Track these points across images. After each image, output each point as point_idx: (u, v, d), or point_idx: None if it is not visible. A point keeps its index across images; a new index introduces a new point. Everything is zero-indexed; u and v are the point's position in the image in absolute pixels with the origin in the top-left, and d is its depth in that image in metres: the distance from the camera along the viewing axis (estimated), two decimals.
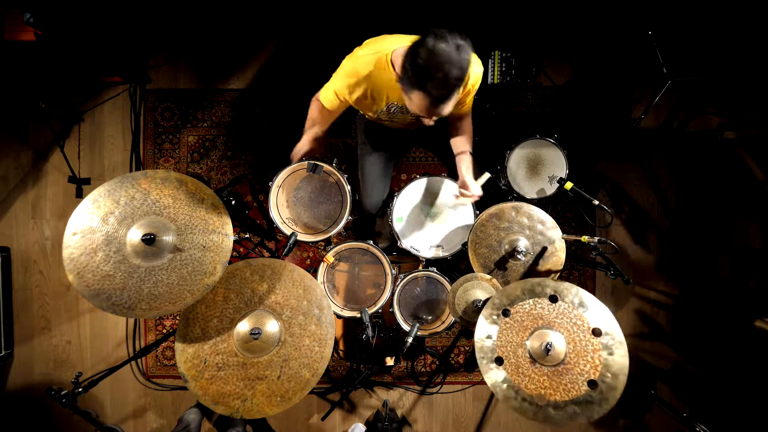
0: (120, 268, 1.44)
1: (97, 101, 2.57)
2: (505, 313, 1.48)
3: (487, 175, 1.73)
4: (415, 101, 1.32)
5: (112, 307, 1.42)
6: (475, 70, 1.51)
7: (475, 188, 1.69)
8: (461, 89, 1.30)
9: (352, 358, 2.35)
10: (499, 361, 1.46)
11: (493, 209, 1.74)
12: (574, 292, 1.48)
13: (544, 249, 1.72)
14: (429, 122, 1.45)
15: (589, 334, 1.44)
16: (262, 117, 2.58)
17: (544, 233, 1.72)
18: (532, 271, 1.75)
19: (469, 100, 1.64)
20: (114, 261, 1.45)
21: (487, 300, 1.61)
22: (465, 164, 1.73)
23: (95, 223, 1.47)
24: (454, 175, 1.87)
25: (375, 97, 1.56)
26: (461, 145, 1.75)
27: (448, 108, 1.33)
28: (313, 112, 1.78)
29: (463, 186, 1.70)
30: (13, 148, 2.56)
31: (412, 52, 1.24)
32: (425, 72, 1.21)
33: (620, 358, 1.41)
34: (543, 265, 1.73)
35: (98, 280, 1.43)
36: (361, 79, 1.49)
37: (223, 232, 1.51)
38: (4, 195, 2.55)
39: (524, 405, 1.42)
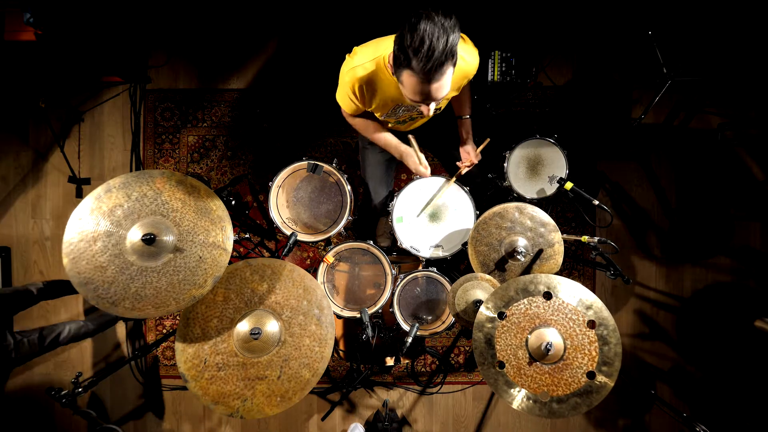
0: (114, 262, 1.44)
1: (97, 101, 2.57)
2: (501, 315, 1.48)
3: (487, 141, 1.79)
4: (406, 84, 1.30)
5: (96, 299, 1.42)
6: (471, 60, 1.51)
7: (475, 153, 1.82)
8: (452, 66, 1.26)
9: (352, 358, 2.35)
10: (500, 365, 1.46)
11: (496, 208, 1.74)
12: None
13: (540, 251, 1.72)
14: (426, 111, 1.40)
15: (585, 327, 1.44)
16: (262, 117, 2.58)
17: (544, 235, 1.72)
18: (530, 273, 1.75)
19: (466, 81, 1.63)
20: (110, 254, 1.44)
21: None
22: (465, 128, 1.82)
23: (102, 212, 1.47)
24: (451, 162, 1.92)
25: (379, 100, 1.56)
26: (461, 109, 1.80)
27: (441, 89, 1.29)
28: (359, 124, 1.76)
29: (465, 151, 1.83)
30: (13, 148, 2.56)
31: (398, 37, 1.24)
32: (411, 49, 1.20)
33: (614, 346, 1.43)
34: (540, 267, 1.73)
35: (90, 270, 1.43)
36: (364, 86, 1.49)
37: (223, 247, 1.50)
38: (4, 195, 2.55)
39: (530, 404, 1.44)
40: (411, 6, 1.23)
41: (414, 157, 1.75)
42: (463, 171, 1.86)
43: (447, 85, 1.30)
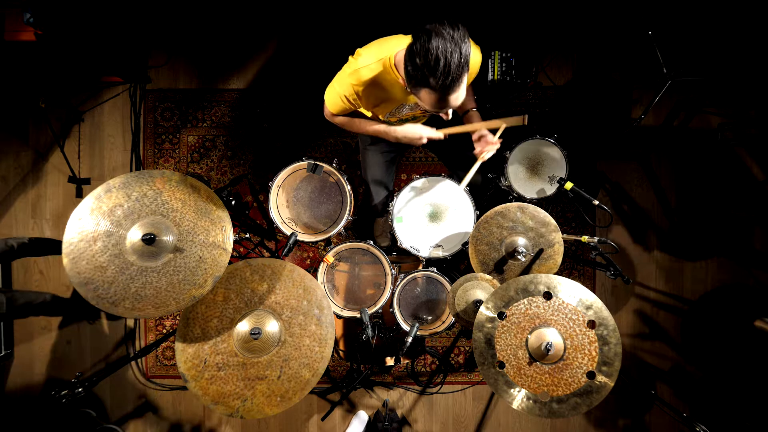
0: (114, 262, 1.44)
1: (97, 101, 2.57)
2: (501, 315, 1.48)
3: (504, 126, 1.63)
4: (425, 99, 1.32)
5: (96, 299, 1.42)
6: (474, 59, 1.51)
7: (493, 137, 1.65)
8: (467, 72, 1.27)
9: (352, 358, 2.35)
10: (500, 365, 1.46)
11: (499, 208, 1.74)
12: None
13: (541, 251, 1.72)
14: (445, 116, 1.44)
15: (585, 327, 1.44)
16: (262, 117, 2.58)
17: (545, 236, 1.72)
18: (530, 272, 1.75)
19: (469, 79, 1.62)
20: (110, 254, 1.44)
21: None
22: (476, 118, 1.74)
23: (102, 212, 1.47)
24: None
25: (384, 100, 1.56)
26: (465, 104, 1.75)
27: (459, 97, 1.32)
28: (342, 121, 1.73)
29: (482, 137, 1.66)
30: (13, 148, 2.56)
31: (409, 55, 1.25)
32: (426, 68, 1.21)
33: (614, 346, 1.43)
34: (540, 267, 1.74)
35: (90, 270, 1.43)
36: (368, 87, 1.49)
37: (223, 247, 1.50)
38: (4, 195, 2.55)
39: (530, 404, 1.44)
40: (412, 6, 1.23)
41: (418, 131, 1.63)
42: (486, 156, 1.69)
43: (464, 91, 1.32)
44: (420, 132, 1.64)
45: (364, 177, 2.05)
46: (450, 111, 1.42)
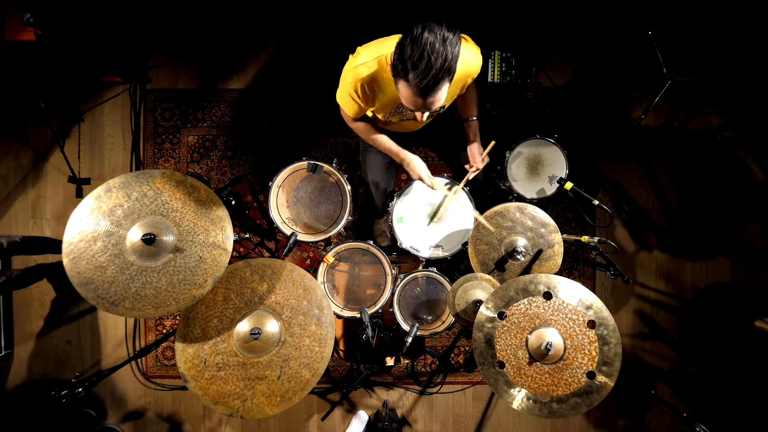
0: (114, 262, 1.44)
1: (97, 101, 2.57)
2: (501, 315, 1.48)
3: (492, 143, 1.77)
4: (402, 93, 1.32)
5: (96, 299, 1.42)
6: (473, 60, 1.52)
7: (482, 157, 1.80)
8: (449, 82, 1.28)
9: (352, 358, 2.35)
10: (500, 365, 1.46)
11: (498, 208, 1.74)
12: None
13: (540, 252, 1.72)
14: (420, 118, 1.43)
15: (585, 327, 1.44)
16: (262, 117, 2.58)
17: (545, 236, 1.72)
18: (529, 273, 1.75)
19: (470, 80, 1.63)
20: (110, 254, 1.44)
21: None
22: (472, 130, 1.81)
23: (102, 212, 1.47)
24: (457, 171, 1.87)
25: (382, 99, 1.56)
26: (467, 111, 1.79)
27: (437, 102, 1.32)
28: (360, 128, 1.75)
29: (471, 153, 1.81)
30: (13, 148, 2.56)
31: (399, 45, 1.25)
32: (409, 61, 1.21)
33: (614, 346, 1.43)
34: (540, 268, 1.74)
35: (90, 270, 1.43)
36: (366, 85, 1.49)
37: (223, 247, 1.50)
38: (4, 195, 2.55)
39: (530, 404, 1.44)
40: (411, 7, 1.23)
41: (418, 169, 1.75)
42: (471, 176, 1.84)
43: (442, 98, 1.32)
44: (417, 172, 1.73)
45: (364, 177, 2.05)
46: (425, 115, 1.42)
